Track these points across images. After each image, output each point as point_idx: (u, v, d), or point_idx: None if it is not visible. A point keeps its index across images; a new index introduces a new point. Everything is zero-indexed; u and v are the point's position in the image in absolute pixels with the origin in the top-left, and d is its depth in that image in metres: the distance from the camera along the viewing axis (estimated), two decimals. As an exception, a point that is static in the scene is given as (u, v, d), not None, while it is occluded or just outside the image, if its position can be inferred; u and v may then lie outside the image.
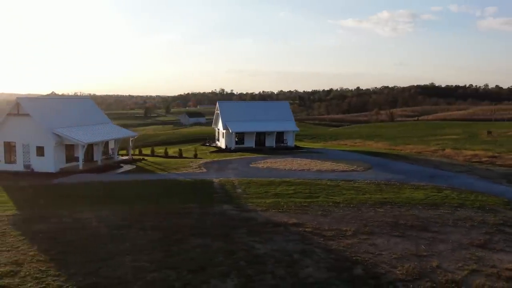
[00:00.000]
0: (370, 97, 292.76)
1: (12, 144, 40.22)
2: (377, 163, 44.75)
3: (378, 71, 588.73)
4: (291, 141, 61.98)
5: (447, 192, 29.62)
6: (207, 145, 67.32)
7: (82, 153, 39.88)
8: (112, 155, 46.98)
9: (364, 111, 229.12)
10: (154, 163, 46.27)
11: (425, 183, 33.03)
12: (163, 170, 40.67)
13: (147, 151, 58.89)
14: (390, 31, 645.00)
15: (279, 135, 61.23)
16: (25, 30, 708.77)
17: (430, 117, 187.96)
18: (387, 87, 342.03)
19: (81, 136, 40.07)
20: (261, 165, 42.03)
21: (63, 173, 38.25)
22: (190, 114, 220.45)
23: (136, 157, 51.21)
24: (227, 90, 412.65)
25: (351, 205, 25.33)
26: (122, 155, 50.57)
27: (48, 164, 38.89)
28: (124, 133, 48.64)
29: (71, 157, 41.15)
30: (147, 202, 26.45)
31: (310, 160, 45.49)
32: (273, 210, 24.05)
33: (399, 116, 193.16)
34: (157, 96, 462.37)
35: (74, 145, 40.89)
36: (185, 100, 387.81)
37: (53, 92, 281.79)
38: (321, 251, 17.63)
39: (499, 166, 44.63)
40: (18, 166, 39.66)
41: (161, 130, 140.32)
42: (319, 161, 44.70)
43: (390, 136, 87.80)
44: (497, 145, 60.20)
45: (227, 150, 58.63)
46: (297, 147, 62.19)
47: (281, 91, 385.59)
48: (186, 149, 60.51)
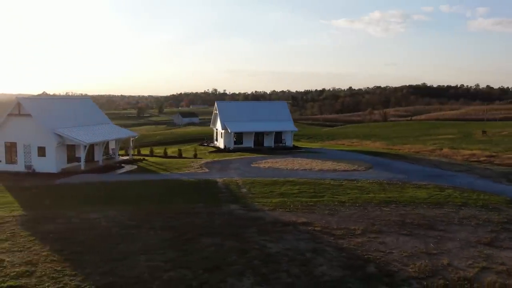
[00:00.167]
0: (363, 97, 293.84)
1: (13, 144, 39.94)
2: (377, 162, 45.10)
3: (370, 71, 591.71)
4: (289, 141, 62.21)
5: (450, 191, 29.94)
6: (205, 145, 67.32)
7: (84, 154, 39.76)
8: (113, 155, 46.86)
9: (357, 111, 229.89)
10: (155, 163, 46.20)
11: (427, 182, 33.34)
12: (165, 170, 40.65)
13: (145, 151, 58.76)
14: (381, 31, 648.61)
15: (278, 135, 61.41)
16: (25, 30, 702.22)
17: (423, 117, 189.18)
18: (379, 87, 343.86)
19: (83, 136, 39.95)
20: (263, 165, 42.18)
21: (64, 173, 38.08)
22: (184, 114, 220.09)
23: (135, 157, 51.01)
24: (220, 90, 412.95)
25: (356, 204, 25.56)
26: (121, 155, 50.45)
27: (49, 164, 38.71)
28: (125, 133, 48.55)
29: (72, 158, 41.01)
30: (153, 202, 26.48)
31: (311, 160, 45.74)
32: (280, 210, 24.23)
33: (392, 116, 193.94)
34: (149, 96, 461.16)
35: (76, 146, 40.75)
36: (177, 100, 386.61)
37: (44, 92, 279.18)
38: (332, 250, 17.80)
39: (497, 165, 45.15)
40: (19, 167, 39.45)
41: (154, 130, 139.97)
42: (320, 160, 44.95)
43: (386, 136, 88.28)
44: (493, 144, 60.85)
45: (226, 150, 58.67)
46: (295, 147, 62.44)
47: (274, 91, 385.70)
48: (185, 149, 60.43)
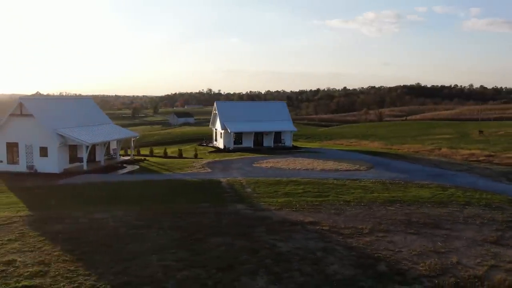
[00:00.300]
0: (358, 97, 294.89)
1: (15, 144, 39.78)
2: (378, 162, 45.32)
3: (364, 71, 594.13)
4: (288, 141, 62.36)
5: (452, 191, 30.18)
6: (204, 145, 67.39)
7: (86, 154, 39.69)
8: (114, 155, 46.83)
9: (352, 111, 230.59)
10: (156, 163, 46.20)
11: (429, 182, 33.58)
12: (167, 170, 40.65)
13: (143, 151, 58.69)
14: (375, 31, 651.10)
15: (277, 135, 61.55)
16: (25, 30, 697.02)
17: (417, 117, 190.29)
18: (374, 87, 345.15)
19: (85, 137, 39.90)
20: (264, 164, 42.28)
21: (67, 173, 38.02)
22: (179, 114, 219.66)
23: (135, 157, 50.88)
24: (215, 90, 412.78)
25: (361, 204, 25.71)
26: (121, 155, 50.40)
27: (51, 164, 38.63)
28: (126, 133, 48.54)
29: (74, 158, 40.96)
30: (158, 202, 26.48)
31: (312, 159, 45.87)
32: (286, 209, 24.32)
33: (388, 116, 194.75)
34: (143, 96, 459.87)
35: (77, 146, 40.69)
36: (172, 100, 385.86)
37: (37, 92, 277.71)
38: (342, 249, 17.93)
39: (496, 164, 45.58)
40: (20, 167, 39.32)
41: (150, 131, 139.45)
42: (321, 160, 45.11)
43: (384, 135, 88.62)
44: (490, 144, 61.32)
45: (225, 150, 58.72)
46: (295, 147, 62.58)
47: (269, 91, 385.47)
48: (184, 149, 60.40)
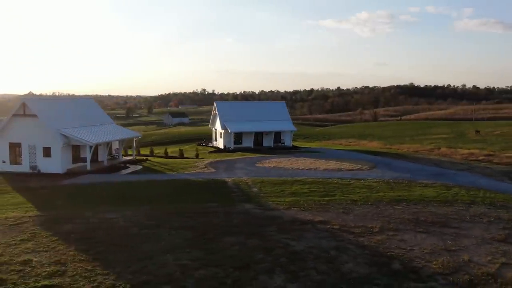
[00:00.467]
0: (352, 97, 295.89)
1: (18, 145, 39.65)
2: (379, 162, 45.60)
3: (358, 71, 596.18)
4: (288, 141, 62.56)
5: (456, 190, 30.49)
6: (203, 145, 67.43)
7: (89, 154, 39.63)
8: (117, 155, 46.79)
9: (347, 111, 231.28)
10: (159, 163, 46.19)
11: (432, 181, 33.91)
12: (170, 170, 40.68)
13: (143, 151, 58.64)
14: (369, 31, 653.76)
15: (277, 135, 61.74)
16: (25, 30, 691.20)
17: (412, 116, 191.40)
18: (368, 87, 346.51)
19: (89, 137, 39.85)
20: (267, 164, 42.41)
21: (70, 174, 37.95)
22: (173, 114, 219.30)
23: (136, 157, 50.82)
24: (209, 90, 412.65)
25: (368, 203, 25.91)
26: (123, 155, 50.25)
27: (55, 165, 38.54)
28: (128, 133, 48.50)
29: (77, 158, 40.89)
30: (166, 202, 26.48)
31: (314, 159, 46.05)
32: (295, 208, 24.45)
33: (382, 116, 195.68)
34: (137, 96, 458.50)
35: (80, 146, 40.62)
36: (166, 100, 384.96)
37: (30, 92, 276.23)
38: (354, 247, 18.07)
39: (496, 164, 46.06)
40: (23, 167, 39.17)
41: (145, 130, 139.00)
42: (323, 160, 45.31)
43: (381, 135, 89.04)
44: (488, 143, 61.85)
45: (225, 150, 58.82)
46: (295, 147, 62.81)
47: (263, 91, 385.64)
48: (184, 149, 60.42)
